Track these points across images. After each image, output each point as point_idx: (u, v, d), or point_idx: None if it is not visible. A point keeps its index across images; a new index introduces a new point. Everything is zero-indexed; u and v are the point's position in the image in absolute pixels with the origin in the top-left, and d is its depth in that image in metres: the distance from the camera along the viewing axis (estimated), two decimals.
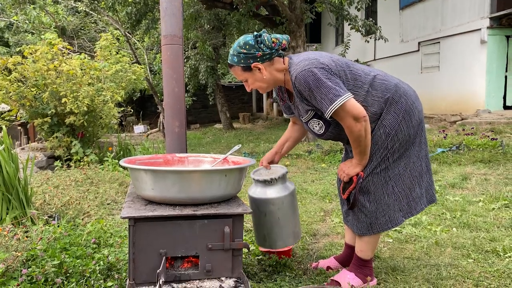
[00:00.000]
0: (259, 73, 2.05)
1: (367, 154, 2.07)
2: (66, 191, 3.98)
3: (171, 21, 2.47)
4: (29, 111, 6.01)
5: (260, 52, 2.01)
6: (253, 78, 2.07)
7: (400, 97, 2.10)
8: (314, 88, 1.95)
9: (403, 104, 2.09)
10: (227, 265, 1.78)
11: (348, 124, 1.97)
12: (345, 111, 1.94)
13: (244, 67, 2.04)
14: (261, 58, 2.02)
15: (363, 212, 2.18)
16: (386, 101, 2.08)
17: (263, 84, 2.09)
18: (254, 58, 2.01)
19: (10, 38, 15.80)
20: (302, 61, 2.02)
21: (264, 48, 2.01)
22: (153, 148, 7.23)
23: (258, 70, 2.04)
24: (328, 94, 1.93)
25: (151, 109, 21.14)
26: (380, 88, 2.09)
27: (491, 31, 9.41)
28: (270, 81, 2.09)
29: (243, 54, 2.01)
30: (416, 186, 2.20)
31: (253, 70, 2.04)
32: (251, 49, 2.01)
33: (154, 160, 2.24)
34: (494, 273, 2.38)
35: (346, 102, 1.93)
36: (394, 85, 2.12)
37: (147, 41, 14.49)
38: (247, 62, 2.02)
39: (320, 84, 1.94)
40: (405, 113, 2.09)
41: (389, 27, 12.42)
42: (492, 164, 5.31)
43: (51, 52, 6.04)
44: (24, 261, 2.22)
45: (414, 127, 2.12)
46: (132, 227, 1.69)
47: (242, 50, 2.01)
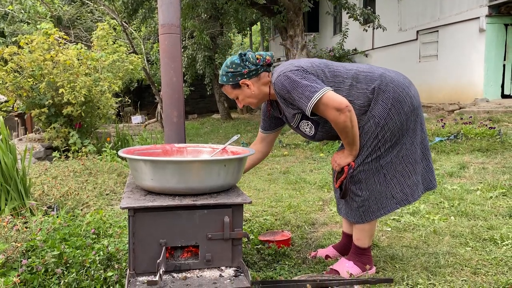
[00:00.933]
0: (247, 89, 2.16)
1: (356, 145, 2.10)
2: (65, 182, 3.98)
3: (169, 10, 2.44)
4: (26, 102, 5.99)
5: (246, 69, 2.12)
6: (243, 95, 2.18)
7: (387, 85, 2.10)
8: (291, 89, 2.04)
9: (390, 92, 2.10)
10: (227, 254, 1.78)
11: (331, 117, 2.01)
12: (325, 104, 1.99)
13: (233, 85, 2.16)
14: (248, 74, 2.13)
15: (355, 201, 2.20)
16: (372, 92, 2.10)
17: (252, 99, 2.19)
18: (241, 75, 2.13)
19: (6, 28, 15.65)
20: (277, 68, 2.15)
21: (249, 65, 2.12)
22: (151, 139, 7.22)
23: (247, 86, 2.15)
24: (305, 92, 2.00)
25: (148, 99, 21.05)
26: (364, 80, 2.12)
27: (490, 20, 9.36)
28: (259, 96, 2.19)
29: (231, 73, 2.13)
30: (411, 173, 2.21)
31: (242, 87, 2.15)
32: (238, 67, 2.12)
33: (153, 150, 2.23)
34: (491, 261, 2.40)
35: (324, 96, 1.98)
36: (379, 75, 2.13)
37: (144, 31, 14.39)
38: (235, 79, 2.13)
39: (296, 85, 2.02)
40: (394, 101, 2.09)
41: (388, 16, 12.34)
42: (490, 153, 5.33)
43: (48, 42, 5.99)
44: (24, 252, 2.23)
45: (406, 114, 2.11)
46: (131, 218, 1.69)
47: (229, 69, 2.13)
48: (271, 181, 4.90)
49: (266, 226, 3.10)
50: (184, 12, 11.77)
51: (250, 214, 3.45)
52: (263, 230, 3.00)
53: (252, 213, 3.50)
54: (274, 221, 3.26)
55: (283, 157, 6.61)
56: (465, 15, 9.91)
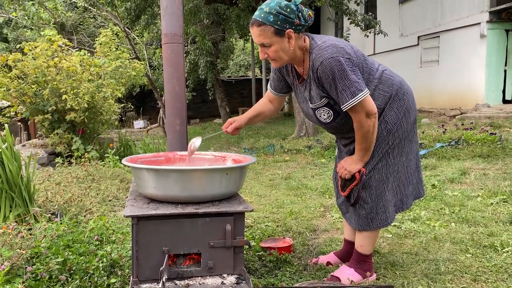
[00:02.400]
0: (287, 43, 1.93)
1: (370, 151, 2.09)
2: (68, 188, 4.01)
3: (172, 20, 2.49)
4: (29, 108, 6.03)
5: (297, 20, 1.90)
6: (279, 45, 1.93)
7: (404, 94, 2.14)
8: (338, 78, 1.89)
9: (405, 102, 2.14)
10: (229, 262, 1.81)
11: (359, 119, 1.97)
12: (362, 106, 1.94)
13: (278, 30, 1.89)
14: (296, 27, 1.92)
15: (364, 208, 2.20)
16: (390, 97, 2.11)
17: (284, 55, 1.97)
18: (291, 23, 1.90)
19: (9, 34, 15.76)
20: (328, 46, 1.93)
21: (301, 18, 1.92)
22: (154, 144, 7.25)
23: (288, 39, 1.93)
24: (351, 87, 1.89)
25: (150, 104, 21.09)
26: (387, 83, 2.11)
27: (491, 25, 9.39)
28: (292, 55, 1.99)
29: (283, 15, 1.87)
30: (409, 183, 2.27)
31: (284, 38, 1.91)
32: (291, 14, 1.89)
33: (156, 158, 2.27)
34: (491, 267, 2.41)
35: (365, 98, 1.93)
36: (399, 82, 2.17)
37: (147, 37, 14.46)
38: (284, 26, 1.88)
39: (345, 76, 1.89)
40: (406, 110, 2.15)
41: (389, 21, 12.39)
42: (491, 159, 5.34)
43: (51, 49, 6.04)
44: (29, 259, 2.25)
45: (411, 124, 2.18)
46: (135, 226, 1.72)
47: (283, 11, 1.87)
48: (272, 187, 4.92)
49: (267, 233, 3.12)
50: (187, 18, 11.84)
51: (251, 221, 3.47)
52: (264, 237, 3.02)
53: (253, 219, 3.52)
54: (276, 228, 3.28)
55: (284, 162, 6.64)
56: (466, 20, 9.95)
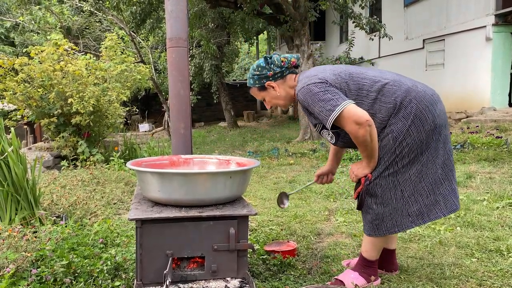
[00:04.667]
0: (273, 91, 2.23)
1: (374, 158, 2.10)
2: (73, 191, 4.03)
3: (177, 24, 2.50)
4: (35, 111, 6.07)
5: (271, 71, 2.20)
6: (269, 96, 2.25)
7: (410, 101, 2.07)
8: (312, 103, 2.07)
9: (412, 109, 2.06)
10: (233, 265, 1.81)
11: (350, 130, 2.02)
12: (345, 118, 2.00)
13: (260, 87, 2.24)
14: (273, 76, 2.21)
15: (370, 214, 2.19)
16: (394, 107, 2.07)
17: (279, 101, 2.25)
18: (266, 77, 2.20)
19: (16, 38, 15.90)
20: (303, 78, 2.16)
21: (274, 68, 2.20)
22: (158, 147, 7.29)
23: (272, 88, 2.22)
24: (326, 106, 2.02)
25: (156, 107, 21.19)
26: (388, 93, 2.09)
27: (496, 28, 9.35)
28: (285, 98, 2.25)
29: (257, 75, 2.22)
30: (429, 192, 2.15)
31: (268, 89, 2.23)
32: (263, 70, 2.20)
33: (160, 161, 2.27)
34: (497, 272, 2.39)
35: (345, 110, 1.99)
36: (405, 90, 2.09)
37: (152, 40, 14.55)
38: (261, 82, 2.21)
39: (317, 99, 2.04)
40: (415, 117, 2.06)
41: (394, 25, 12.37)
42: (497, 163, 5.31)
43: (57, 52, 6.09)
44: (34, 261, 2.26)
45: (426, 132, 2.07)
46: (139, 229, 1.73)
47: (255, 72, 2.22)
48: (277, 190, 4.91)
49: (271, 236, 3.12)
50: (192, 21, 11.90)
51: (256, 224, 3.47)
52: (268, 240, 3.01)
53: (258, 222, 3.52)
54: (280, 231, 3.27)
55: (289, 166, 6.63)
56: (471, 24, 9.92)
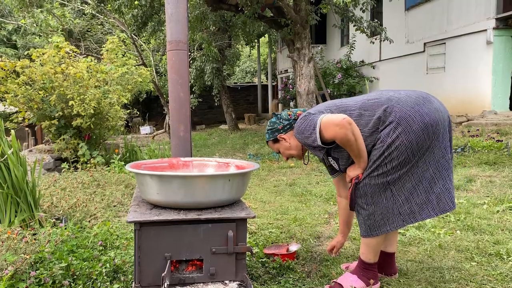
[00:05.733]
0: (285, 142, 2.42)
1: (363, 157, 2.17)
2: (73, 193, 4.03)
3: (177, 27, 2.51)
4: (36, 114, 6.08)
5: (281, 125, 2.42)
6: (283, 147, 2.44)
7: (393, 107, 2.13)
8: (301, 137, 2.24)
9: (397, 113, 2.11)
10: (231, 268, 1.81)
11: (334, 135, 2.12)
12: (325, 127, 2.13)
13: (273, 140, 2.45)
14: (283, 129, 2.42)
15: (362, 214, 2.22)
16: (379, 118, 2.14)
17: (292, 151, 2.44)
18: (277, 130, 2.43)
19: (18, 40, 15.96)
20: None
21: (283, 121, 2.43)
22: (159, 150, 7.28)
23: (284, 139, 2.42)
24: (308, 130, 2.19)
25: (157, 110, 21.21)
26: (371, 107, 2.18)
27: (497, 32, 9.35)
28: (296, 148, 2.43)
29: (270, 130, 2.46)
30: (420, 191, 2.17)
31: (280, 141, 2.43)
32: (274, 124, 2.44)
33: (160, 164, 2.28)
34: (497, 276, 2.39)
35: (322, 121, 2.14)
36: (386, 99, 2.18)
37: (153, 43, 14.57)
38: (274, 135, 2.44)
39: (302, 130, 2.23)
40: (401, 120, 2.09)
41: (395, 28, 12.38)
42: (497, 166, 5.30)
43: (58, 55, 6.11)
44: (33, 264, 2.27)
45: (415, 132, 2.08)
46: (137, 231, 1.73)
47: (269, 128, 2.47)
48: (277, 193, 4.91)
49: (271, 239, 3.11)
50: (193, 24, 11.92)
51: (255, 227, 3.47)
52: (268, 243, 3.01)
53: (257, 225, 3.52)
54: (280, 234, 3.27)
55: (289, 168, 6.63)
56: (472, 27, 9.92)
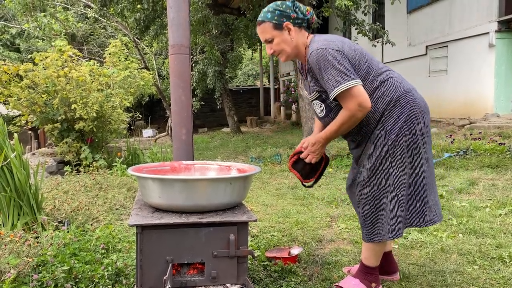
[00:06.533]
0: (287, 35, 2.10)
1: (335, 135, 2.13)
2: (76, 197, 4.04)
3: (178, 31, 2.52)
4: (39, 117, 6.11)
5: (294, 14, 2.09)
6: (280, 38, 2.10)
7: (408, 102, 2.09)
8: (324, 68, 2.00)
9: (407, 110, 2.08)
10: (232, 272, 1.81)
11: (351, 108, 1.99)
12: (352, 95, 1.98)
13: (276, 24, 2.08)
14: (294, 20, 2.10)
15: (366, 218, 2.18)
16: (390, 101, 2.08)
17: (287, 47, 2.12)
18: (288, 17, 2.08)
19: (21, 44, 16.03)
20: (321, 40, 2.08)
21: (298, 13, 2.11)
22: (161, 153, 7.30)
23: (288, 31, 2.10)
24: (336, 76, 1.97)
25: (159, 113, 21.25)
26: (390, 87, 2.10)
27: (500, 35, 9.35)
28: (294, 48, 2.14)
29: (279, 11, 2.08)
30: (416, 199, 2.16)
31: (283, 30, 2.09)
32: (287, 8, 2.09)
33: (161, 167, 2.28)
34: (499, 280, 2.38)
35: (355, 88, 1.97)
36: (405, 89, 2.12)
37: (156, 47, 14.62)
38: (280, 20, 2.08)
39: (331, 65, 1.98)
40: (408, 119, 2.07)
41: (397, 31, 12.39)
42: (500, 169, 5.28)
43: (61, 59, 6.14)
44: (35, 267, 2.27)
45: (417, 136, 2.09)
46: (139, 235, 1.74)
47: (278, 7, 2.09)
48: (279, 196, 4.91)
49: (273, 243, 3.11)
50: (195, 28, 11.96)
51: (257, 230, 3.47)
52: (270, 247, 3.01)
53: (259, 229, 3.52)
54: (281, 237, 3.27)
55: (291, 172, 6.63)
56: (474, 30, 9.92)
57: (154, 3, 10.21)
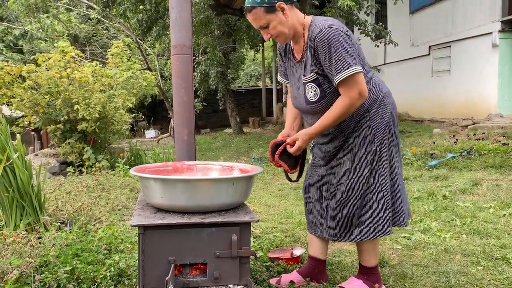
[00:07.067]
0: (282, 15, 1.96)
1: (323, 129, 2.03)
2: (78, 197, 4.04)
3: (181, 32, 2.52)
4: (42, 118, 6.12)
5: None
6: (276, 21, 1.95)
7: (390, 103, 2.12)
8: (335, 47, 1.89)
9: (388, 109, 2.10)
10: (235, 272, 1.80)
11: (351, 96, 1.91)
12: (357, 82, 1.91)
13: (268, 7, 1.92)
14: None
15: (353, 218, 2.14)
16: (376, 100, 2.08)
17: (285, 29, 1.98)
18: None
19: (24, 45, 16.08)
20: (330, 20, 1.99)
21: None
22: (164, 154, 7.30)
23: (282, 11, 1.95)
24: (347, 58, 1.89)
25: (162, 114, 21.28)
26: (376, 86, 2.11)
27: (503, 35, 9.31)
28: (291, 28, 2.00)
29: None
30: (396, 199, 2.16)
31: (277, 12, 1.94)
32: None
33: (164, 168, 2.28)
34: (503, 281, 2.37)
35: (360, 74, 1.93)
36: (387, 91, 2.15)
37: (158, 47, 14.63)
38: (271, 1, 1.92)
39: (342, 46, 1.89)
40: (390, 119, 2.10)
41: (399, 31, 12.36)
42: (503, 170, 5.26)
43: (64, 60, 6.15)
44: (37, 267, 2.27)
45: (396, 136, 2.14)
46: (141, 235, 1.73)
47: None
48: (281, 197, 4.90)
49: (275, 243, 3.10)
50: (198, 29, 11.97)
51: (260, 231, 3.46)
52: (272, 247, 3.00)
53: (262, 229, 3.51)
54: (284, 238, 3.26)
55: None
56: (477, 30, 9.89)
57: (156, 4, 10.22)
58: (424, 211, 3.85)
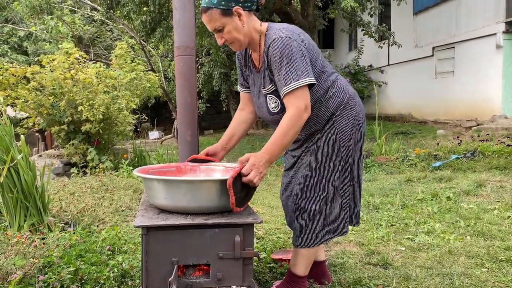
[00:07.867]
0: (238, 21, 1.88)
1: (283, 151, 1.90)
2: (82, 198, 4.05)
3: (184, 33, 2.52)
4: (46, 119, 6.15)
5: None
6: (231, 25, 1.88)
7: (355, 105, 2.07)
8: (286, 57, 1.83)
9: (354, 112, 2.06)
10: (238, 273, 1.80)
11: (297, 108, 1.82)
12: (304, 94, 1.84)
13: (224, 10, 1.84)
14: (243, 4, 1.88)
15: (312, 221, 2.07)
16: (341, 103, 2.04)
17: (239, 35, 1.90)
18: (236, 1, 1.85)
19: (29, 47, 16.16)
20: (285, 29, 1.92)
21: None
22: (167, 155, 7.31)
23: (239, 17, 1.88)
24: (297, 70, 1.82)
25: (165, 115, 21.31)
26: (340, 89, 2.06)
27: (507, 36, 9.28)
28: (247, 35, 1.93)
29: None
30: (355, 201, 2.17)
31: (233, 16, 1.87)
32: None
33: (167, 169, 2.28)
34: (508, 283, 2.35)
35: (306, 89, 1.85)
36: (352, 93, 2.10)
37: (162, 49, 14.66)
38: (228, 4, 1.84)
39: (294, 57, 1.83)
40: (355, 122, 2.05)
41: (403, 32, 12.34)
42: (508, 171, 5.23)
43: (68, 61, 6.18)
44: (41, 268, 2.28)
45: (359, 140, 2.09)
46: (145, 236, 1.73)
47: None
48: None
49: (279, 245, 3.10)
50: (201, 30, 11.98)
51: (263, 232, 3.46)
52: (276, 249, 3.00)
53: (265, 230, 3.51)
54: (287, 239, 3.26)
55: None
56: (481, 31, 9.86)
57: (160, 6, 10.24)
58: (428, 212, 3.83)
